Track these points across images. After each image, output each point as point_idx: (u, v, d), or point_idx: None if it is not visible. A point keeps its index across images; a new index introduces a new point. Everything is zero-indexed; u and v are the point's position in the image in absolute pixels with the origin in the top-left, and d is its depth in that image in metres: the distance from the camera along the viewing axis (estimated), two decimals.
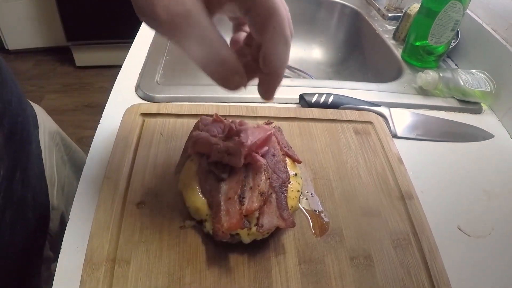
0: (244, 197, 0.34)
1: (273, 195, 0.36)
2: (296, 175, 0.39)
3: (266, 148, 0.38)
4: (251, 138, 0.35)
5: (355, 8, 0.89)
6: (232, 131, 0.37)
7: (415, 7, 0.71)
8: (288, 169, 0.38)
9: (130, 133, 0.44)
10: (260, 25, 0.25)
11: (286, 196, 0.36)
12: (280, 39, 0.25)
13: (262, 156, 0.37)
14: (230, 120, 0.39)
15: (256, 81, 0.29)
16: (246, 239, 0.34)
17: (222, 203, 0.33)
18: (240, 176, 0.35)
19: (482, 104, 0.61)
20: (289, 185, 0.37)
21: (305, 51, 0.95)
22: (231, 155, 0.35)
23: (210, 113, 0.48)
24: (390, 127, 0.54)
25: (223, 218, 0.32)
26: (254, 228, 0.34)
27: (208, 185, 0.35)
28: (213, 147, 0.35)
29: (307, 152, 0.46)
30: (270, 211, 0.34)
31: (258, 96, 0.59)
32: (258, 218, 0.34)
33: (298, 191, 0.38)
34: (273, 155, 0.38)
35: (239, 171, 0.36)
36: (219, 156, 0.35)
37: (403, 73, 0.67)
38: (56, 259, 0.40)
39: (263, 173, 0.36)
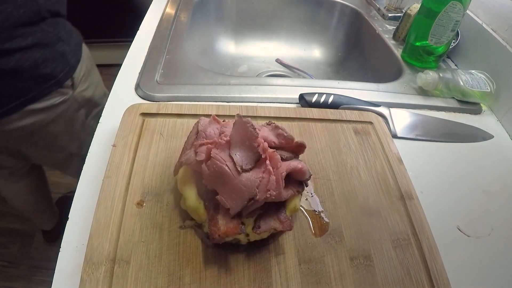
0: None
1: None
2: None
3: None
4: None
5: (355, 8, 0.89)
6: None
7: (415, 7, 0.71)
8: None
9: (130, 133, 0.44)
10: None
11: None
12: None
13: None
14: (223, 120, 0.39)
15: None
16: (245, 241, 0.34)
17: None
18: None
19: (481, 104, 0.61)
20: None
21: (305, 51, 0.95)
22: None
23: (210, 113, 0.48)
24: (390, 127, 0.54)
25: (220, 222, 0.32)
26: (251, 231, 0.33)
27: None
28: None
29: (307, 152, 0.46)
30: (267, 213, 0.34)
31: (258, 96, 0.59)
32: (255, 220, 0.34)
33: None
34: None
35: None
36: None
37: (403, 73, 0.67)
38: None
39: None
